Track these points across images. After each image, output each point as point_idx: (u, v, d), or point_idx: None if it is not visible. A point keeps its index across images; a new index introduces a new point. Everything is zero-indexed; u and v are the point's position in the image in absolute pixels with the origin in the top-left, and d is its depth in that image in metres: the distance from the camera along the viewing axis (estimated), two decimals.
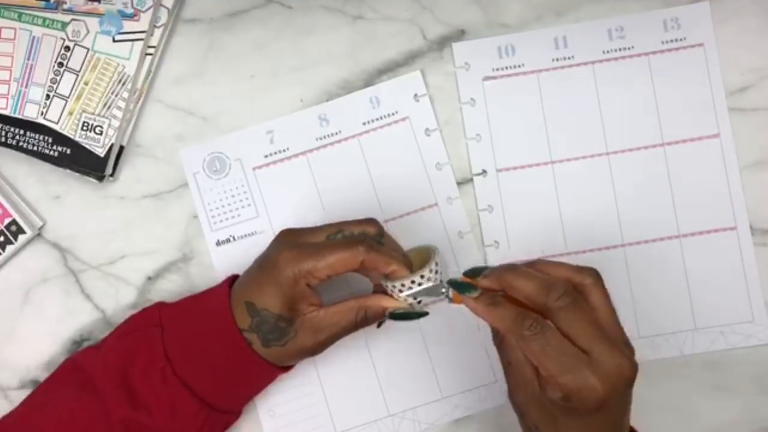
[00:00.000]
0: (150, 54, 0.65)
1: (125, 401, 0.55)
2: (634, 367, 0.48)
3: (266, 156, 0.66)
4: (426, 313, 0.56)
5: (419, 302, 0.55)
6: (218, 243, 0.65)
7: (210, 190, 0.66)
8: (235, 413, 0.60)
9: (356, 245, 0.54)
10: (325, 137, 0.66)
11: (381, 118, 0.66)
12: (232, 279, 0.59)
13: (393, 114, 0.66)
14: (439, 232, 0.65)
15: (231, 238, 0.65)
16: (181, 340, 0.56)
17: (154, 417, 0.55)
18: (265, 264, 0.56)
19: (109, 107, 0.65)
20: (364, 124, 0.66)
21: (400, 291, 0.55)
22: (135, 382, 0.55)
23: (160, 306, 0.60)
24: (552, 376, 0.47)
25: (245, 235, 0.65)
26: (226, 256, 0.65)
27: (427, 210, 0.65)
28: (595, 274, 0.50)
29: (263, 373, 0.57)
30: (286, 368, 0.59)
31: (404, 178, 0.65)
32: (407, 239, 0.61)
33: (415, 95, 0.66)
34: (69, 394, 0.57)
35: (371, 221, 0.58)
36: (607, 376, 0.47)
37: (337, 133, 0.66)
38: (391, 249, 0.56)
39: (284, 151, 0.66)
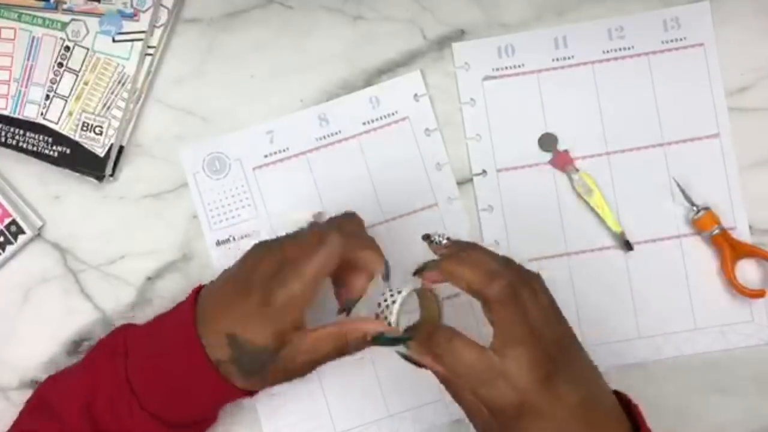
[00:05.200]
0: (150, 54, 0.65)
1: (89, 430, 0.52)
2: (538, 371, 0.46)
3: (266, 156, 0.66)
4: (409, 338, 0.50)
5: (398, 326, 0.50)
6: (218, 243, 0.65)
7: (210, 190, 0.65)
8: (210, 420, 0.59)
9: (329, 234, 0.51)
10: (324, 137, 0.66)
11: (381, 118, 0.66)
12: (197, 292, 0.55)
13: (393, 114, 0.66)
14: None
15: (231, 238, 0.65)
16: (145, 371, 0.53)
17: None
18: (247, 289, 0.51)
19: (108, 107, 0.65)
20: (364, 124, 0.66)
21: (382, 309, 0.50)
22: (98, 414, 0.53)
23: (126, 330, 0.57)
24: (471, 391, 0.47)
25: (245, 235, 0.65)
26: (226, 256, 0.65)
27: (427, 210, 0.65)
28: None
29: (238, 396, 0.54)
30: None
31: (404, 178, 0.65)
32: (407, 239, 0.61)
33: (415, 95, 0.66)
34: (36, 426, 0.55)
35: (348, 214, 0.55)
36: (517, 382, 0.46)
37: (337, 133, 0.66)
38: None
39: (284, 151, 0.65)
